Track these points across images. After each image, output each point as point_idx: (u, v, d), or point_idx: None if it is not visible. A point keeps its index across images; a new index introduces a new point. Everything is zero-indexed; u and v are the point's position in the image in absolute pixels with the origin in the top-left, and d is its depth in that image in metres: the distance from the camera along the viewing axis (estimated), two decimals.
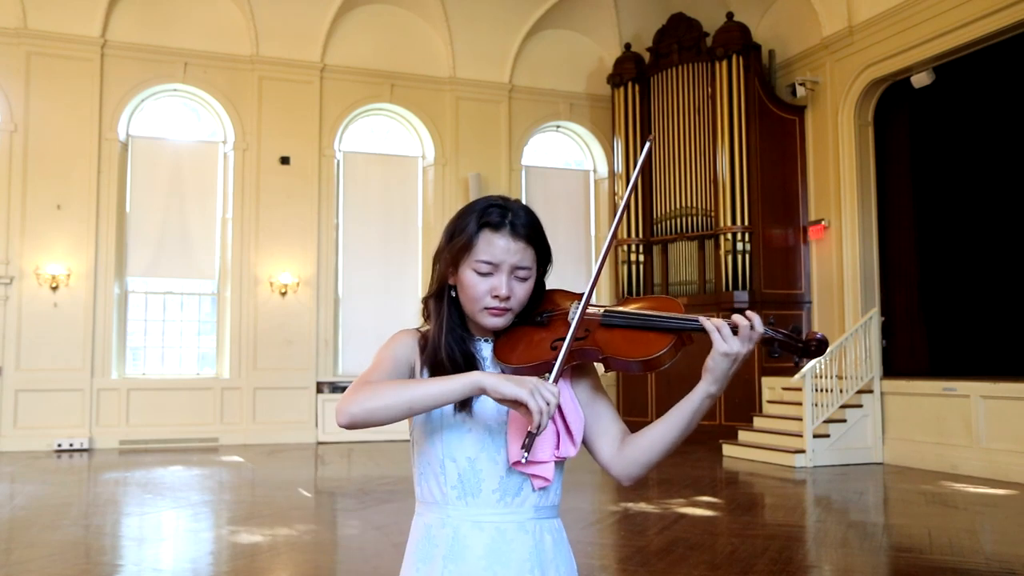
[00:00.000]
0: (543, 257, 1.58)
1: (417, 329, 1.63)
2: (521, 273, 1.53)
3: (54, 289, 11.42)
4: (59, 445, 11.17)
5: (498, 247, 1.51)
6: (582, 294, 1.55)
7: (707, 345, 1.48)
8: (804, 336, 1.48)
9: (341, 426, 1.42)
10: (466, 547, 1.49)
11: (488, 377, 1.38)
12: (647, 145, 1.71)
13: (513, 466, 1.49)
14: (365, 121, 13.62)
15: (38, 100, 11.55)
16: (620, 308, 1.56)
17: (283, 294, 12.49)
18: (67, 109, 11.68)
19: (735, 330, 1.45)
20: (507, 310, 1.54)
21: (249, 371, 12.26)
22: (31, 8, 11.49)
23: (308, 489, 8.20)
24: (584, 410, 1.59)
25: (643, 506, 7.19)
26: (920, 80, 10.52)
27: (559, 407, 1.52)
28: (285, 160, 12.67)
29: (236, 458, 10.62)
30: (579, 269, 14.25)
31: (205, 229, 12.51)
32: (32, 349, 11.29)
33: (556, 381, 1.44)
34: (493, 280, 1.51)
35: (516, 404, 1.36)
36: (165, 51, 12.19)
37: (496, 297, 1.51)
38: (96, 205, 11.73)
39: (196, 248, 12.43)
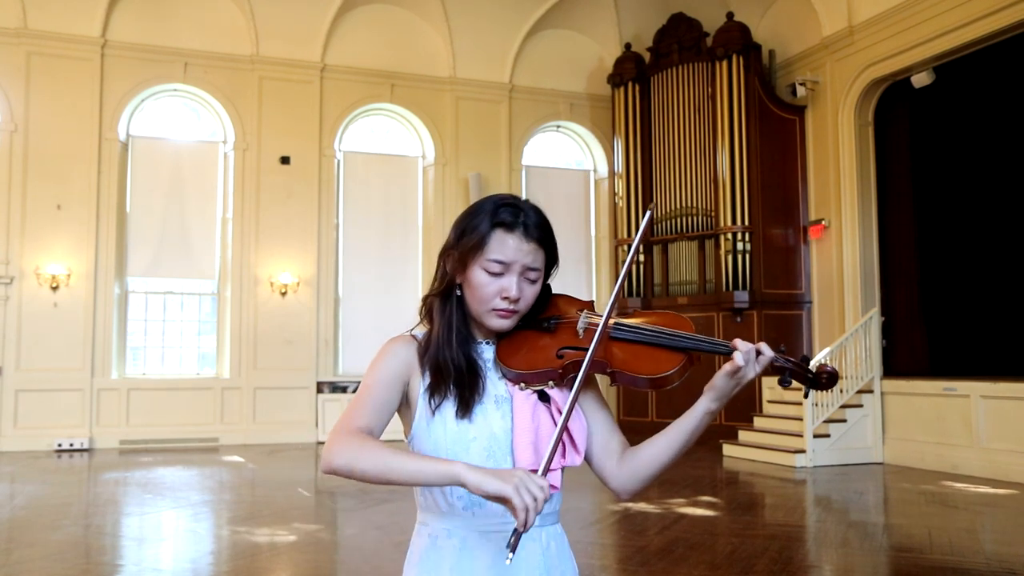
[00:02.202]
0: (551, 259, 1.54)
1: (411, 335, 1.57)
2: (531, 275, 1.50)
3: (54, 289, 11.42)
4: (59, 445, 11.17)
5: (510, 247, 1.47)
6: (589, 302, 1.54)
7: (706, 362, 1.49)
8: (814, 368, 1.50)
9: (323, 472, 1.40)
10: (474, 558, 1.45)
11: (470, 471, 1.29)
12: (648, 214, 1.69)
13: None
14: (365, 121, 13.62)
15: (38, 100, 11.55)
16: (630, 321, 1.53)
17: (283, 294, 12.49)
18: (67, 109, 11.68)
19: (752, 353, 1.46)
20: (514, 312, 1.50)
21: (249, 371, 12.26)
22: (31, 8, 11.49)
23: (308, 489, 8.20)
24: (586, 418, 1.55)
25: (643, 506, 7.19)
26: (920, 80, 10.52)
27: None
28: (285, 160, 12.67)
29: (236, 458, 10.62)
30: (579, 269, 14.25)
31: (205, 229, 12.50)
32: (32, 349, 11.29)
33: (546, 473, 1.35)
34: (503, 281, 1.48)
35: (500, 500, 1.27)
36: (165, 51, 12.19)
37: (506, 298, 1.48)
38: (96, 205, 11.73)
39: (196, 248, 12.43)
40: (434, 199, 13.35)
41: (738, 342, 1.46)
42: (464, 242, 1.50)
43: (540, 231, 1.50)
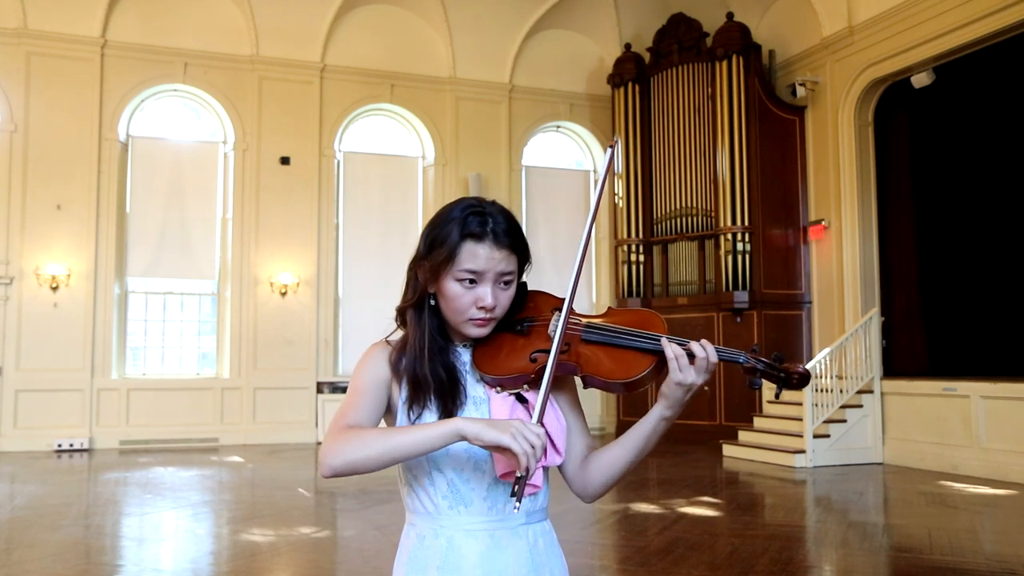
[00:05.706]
0: (523, 258, 1.54)
1: (386, 341, 1.57)
2: (506, 278, 1.50)
3: (54, 289, 11.42)
4: (59, 445, 11.16)
5: (482, 257, 1.46)
6: (563, 300, 1.50)
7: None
8: (786, 367, 1.43)
9: (324, 478, 1.38)
10: (461, 556, 1.46)
11: (468, 424, 1.33)
12: (610, 150, 1.63)
13: (501, 478, 1.47)
14: (365, 121, 13.62)
15: (38, 100, 11.55)
16: (600, 322, 1.52)
17: (283, 294, 12.48)
18: (67, 109, 11.68)
19: (691, 359, 1.42)
20: (491, 319, 1.51)
21: (249, 371, 12.26)
22: (31, 8, 11.49)
23: (308, 489, 8.21)
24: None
25: (643, 506, 7.19)
26: (920, 80, 10.52)
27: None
28: (285, 160, 12.67)
29: (236, 458, 10.62)
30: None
31: (205, 229, 12.50)
32: (32, 349, 11.29)
33: (540, 420, 1.38)
34: (478, 290, 1.48)
35: (499, 448, 1.31)
36: (165, 51, 12.19)
37: (482, 308, 1.48)
38: (96, 205, 11.73)
39: (196, 248, 12.43)
40: (434, 199, 13.35)
41: (668, 348, 1.43)
42: (435, 254, 1.49)
43: (509, 237, 1.49)
